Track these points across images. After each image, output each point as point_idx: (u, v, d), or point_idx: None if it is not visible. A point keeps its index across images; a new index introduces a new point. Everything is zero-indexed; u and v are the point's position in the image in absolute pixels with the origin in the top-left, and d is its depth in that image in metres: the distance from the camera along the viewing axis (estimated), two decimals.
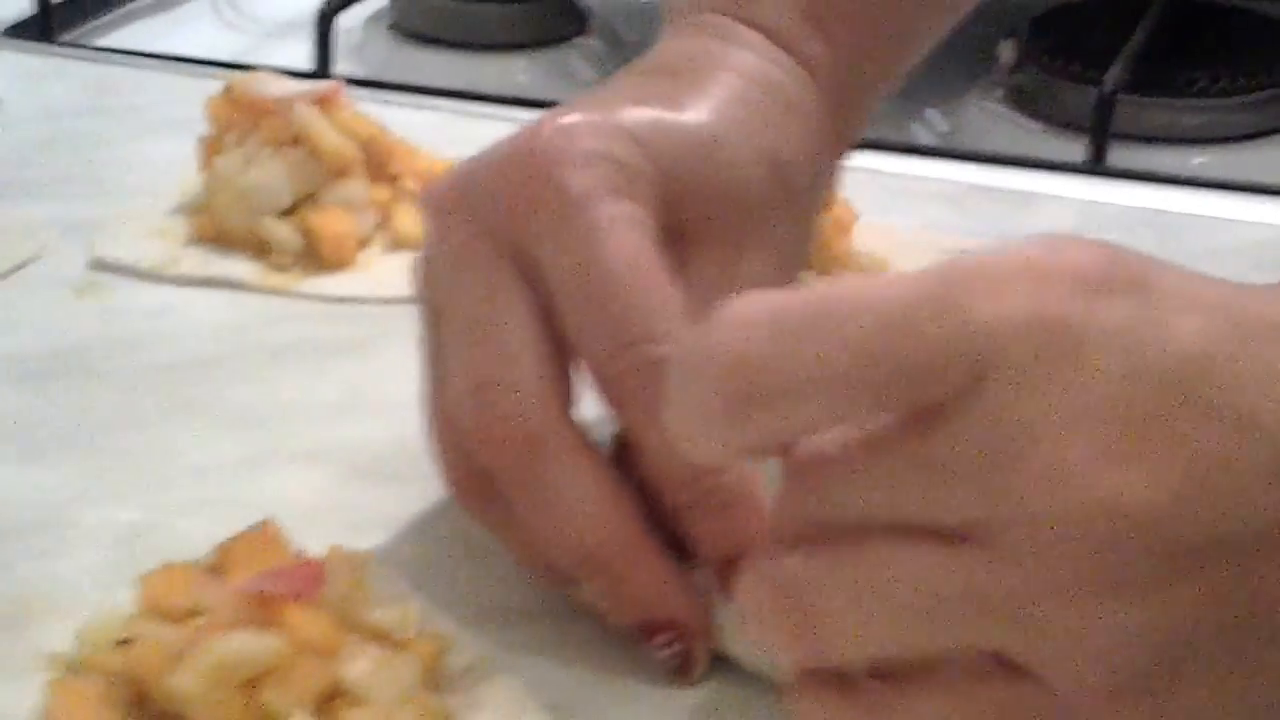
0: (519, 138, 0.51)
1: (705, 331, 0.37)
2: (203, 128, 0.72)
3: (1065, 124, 0.89)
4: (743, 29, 0.56)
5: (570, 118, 0.51)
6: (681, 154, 0.52)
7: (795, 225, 0.55)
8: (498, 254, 0.49)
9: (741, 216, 0.52)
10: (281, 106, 0.70)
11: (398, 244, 0.71)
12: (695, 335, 0.37)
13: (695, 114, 0.53)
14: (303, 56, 0.92)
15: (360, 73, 0.93)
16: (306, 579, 0.46)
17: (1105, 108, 0.83)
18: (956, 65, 0.93)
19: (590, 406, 0.50)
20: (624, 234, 0.49)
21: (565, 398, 0.49)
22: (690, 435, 0.38)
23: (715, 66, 0.54)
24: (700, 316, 0.43)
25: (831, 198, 0.58)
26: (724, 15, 0.56)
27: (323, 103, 0.71)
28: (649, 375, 0.48)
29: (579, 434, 0.49)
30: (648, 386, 0.48)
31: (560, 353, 0.49)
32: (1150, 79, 0.88)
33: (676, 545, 0.49)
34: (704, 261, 0.52)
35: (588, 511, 0.48)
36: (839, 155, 0.58)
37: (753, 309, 0.37)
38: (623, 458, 0.50)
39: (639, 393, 0.48)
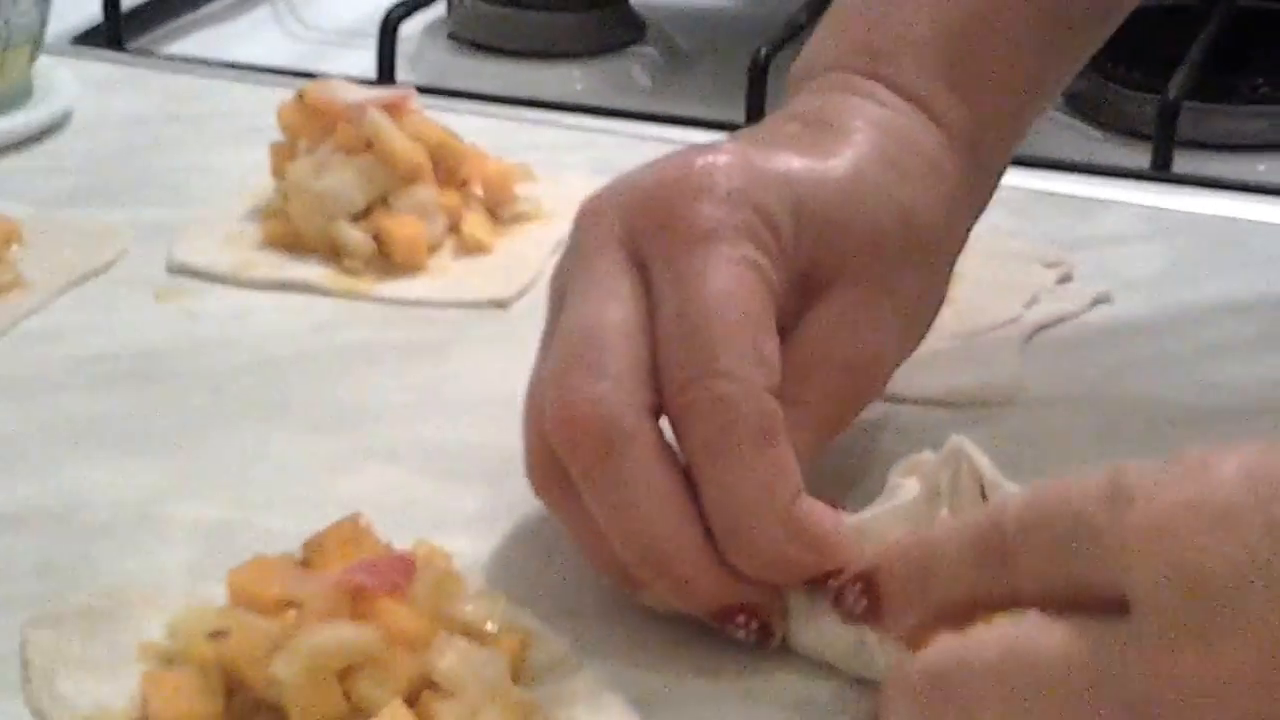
0: (675, 162, 0.52)
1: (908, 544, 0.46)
2: (271, 134, 0.72)
3: (1126, 131, 0.88)
4: (882, 89, 0.56)
5: (724, 156, 0.52)
6: (822, 200, 0.53)
7: (926, 279, 0.55)
8: (624, 261, 0.51)
9: (873, 265, 0.53)
10: (353, 113, 0.70)
11: (467, 248, 0.71)
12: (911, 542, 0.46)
13: (838, 163, 0.54)
14: (364, 64, 0.92)
15: (419, 80, 0.93)
16: (400, 572, 0.47)
17: (1170, 115, 0.83)
18: None
19: None
20: (734, 273, 0.50)
21: (648, 399, 0.49)
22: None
23: (858, 120, 0.55)
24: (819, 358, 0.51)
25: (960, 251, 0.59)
26: (863, 76, 0.57)
27: (393, 109, 0.71)
28: (712, 410, 0.48)
29: (657, 432, 0.49)
30: (709, 422, 0.48)
31: (653, 367, 0.49)
32: (1213, 86, 0.88)
33: None
34: (831, 304, 0.52)
35: (653, 506, 0.48)
36: (972, 213, 0.58)
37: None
38: None
39: (699, 426, 0.48)
